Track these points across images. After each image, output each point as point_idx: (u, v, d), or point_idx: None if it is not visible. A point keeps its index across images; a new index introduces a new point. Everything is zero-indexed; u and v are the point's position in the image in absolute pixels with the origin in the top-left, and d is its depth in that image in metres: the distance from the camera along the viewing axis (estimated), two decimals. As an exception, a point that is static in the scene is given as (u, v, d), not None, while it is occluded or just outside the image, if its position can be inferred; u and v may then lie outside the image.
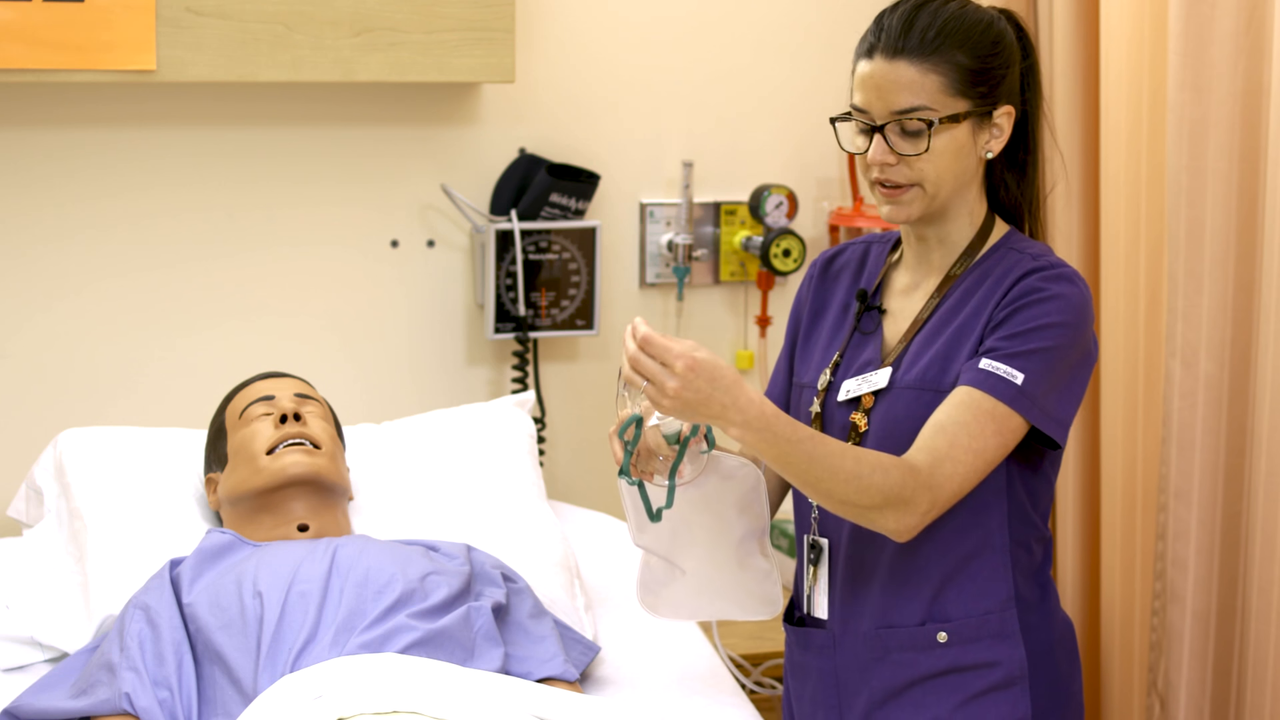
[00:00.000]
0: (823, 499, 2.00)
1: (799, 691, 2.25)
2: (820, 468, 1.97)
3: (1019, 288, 2.07)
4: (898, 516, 1.99)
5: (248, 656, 2.27)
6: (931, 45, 2.03)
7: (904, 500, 1.98)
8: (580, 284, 3.22)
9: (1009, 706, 2.10)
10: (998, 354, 2.03)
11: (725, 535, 2.16)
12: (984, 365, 2.03)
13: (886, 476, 1.98)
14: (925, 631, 2.11)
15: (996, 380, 2.02)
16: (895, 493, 1.98)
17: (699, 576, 2.19)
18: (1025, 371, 2.02)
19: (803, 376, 2.23)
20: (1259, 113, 2.53)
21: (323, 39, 2.92)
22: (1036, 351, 2.03)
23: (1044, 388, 2.03)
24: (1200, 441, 2.62)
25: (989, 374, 2.02)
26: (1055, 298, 2.05)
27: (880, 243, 2.26)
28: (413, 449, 2.87)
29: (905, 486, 1.98)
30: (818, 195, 3.40)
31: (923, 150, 2.04)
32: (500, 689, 2.18)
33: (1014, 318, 2.05)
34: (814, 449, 1.97)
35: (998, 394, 2.01)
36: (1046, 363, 2.03)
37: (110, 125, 3.00)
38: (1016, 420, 2.03)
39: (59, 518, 2.69)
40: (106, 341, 3.04)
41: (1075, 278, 2.08)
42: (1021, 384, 2.01)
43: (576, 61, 3.24)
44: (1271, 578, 2.49)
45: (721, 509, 2.13)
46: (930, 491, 1.99)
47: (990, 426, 2.01)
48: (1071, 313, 2.06)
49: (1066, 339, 2.05)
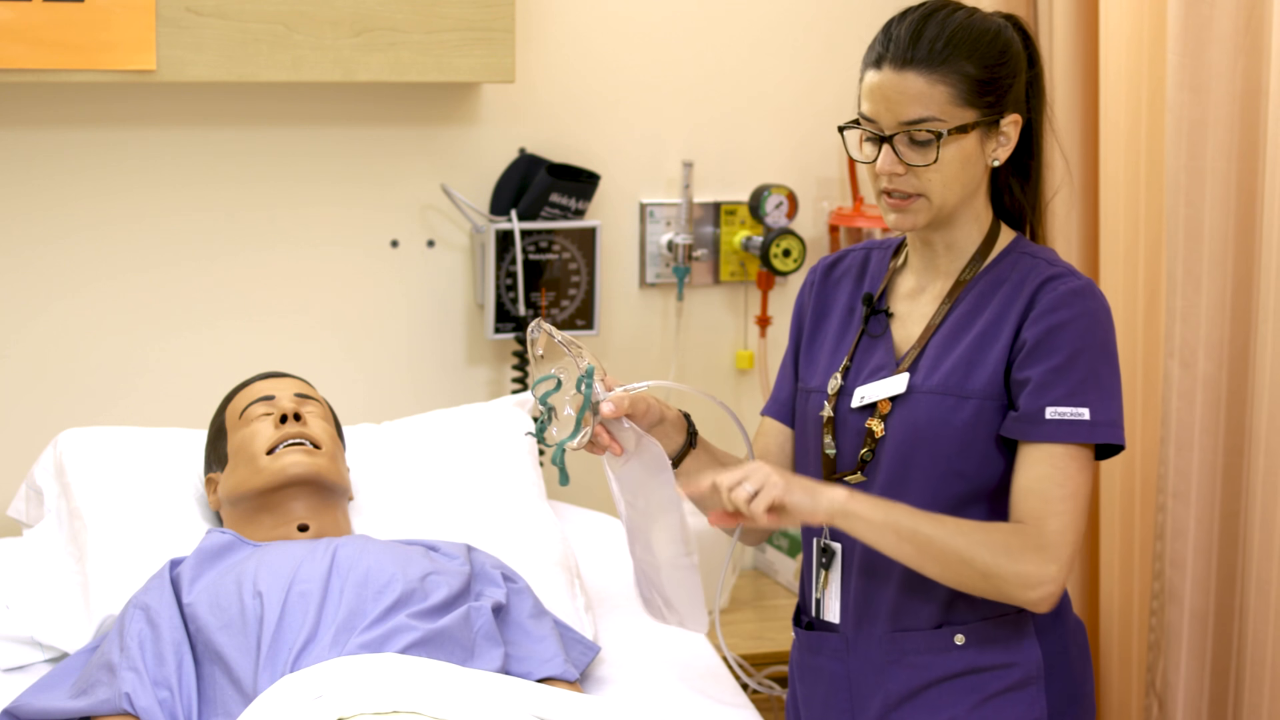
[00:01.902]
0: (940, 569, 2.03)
1: (808, 696, 2.25)
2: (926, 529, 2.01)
3: (1044, 301, 2.08)
4: (1021, 582, 2.01)
5: (248, 656, 2.27)
6: (940, 56, 2.03)
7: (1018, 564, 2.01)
8: (580, 284, 3.22)
9: (1024, 707, 2.11)
10: (1054, 396, 2.04)
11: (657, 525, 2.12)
12: (1051, 415, 2.04)
13: (993, 540, 2.01)
14: (942, 634, 2.12)
15: (1069, 427, 2.04)
16: (1005, 554, 2.01)
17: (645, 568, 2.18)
18: (1088, 404, 2.04)
19: (809, 381, 2.23)
20: (1257, 113, 2.53)
21: (323, 39, 2.92)
22: (1088, 379, 2.05)
23: (1106, 408, 2.06)
24: (1198, 441, 2.62)
25: (1059, 424, 2.04)
26: (1085, 316, 2.07)
27: (881, 248, 2.26)
28: (413, 449, 2.88)
29: (1015, 550, 2.01)
30: (818, 195, 3.40)
31: (931, 161, 2.04)
32: (500, 689, 2.18)
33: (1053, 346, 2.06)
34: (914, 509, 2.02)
35: (1075, 438, 2.04)
36: (1098, 383, 2.06)
37: (110, 125, 3.00)
38: (1092, 450, 2.07)
39: (59, 518, 2.70)
40: (106, 341, 3.04)
41: (1094, 288, 2.10)
42: (1090, 418, 2.04)
43: (576, 61, 3.24)
44: (1269, 577, 2.49)
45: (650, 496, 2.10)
46: (1047, 552, 2.02)
47: (1074, 468, 2.04)
48: (1103, 328, 2.08)
49: (1104, 353, 2.08)
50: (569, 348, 2.03)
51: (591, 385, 2.01)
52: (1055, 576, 2.02)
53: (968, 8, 2.10)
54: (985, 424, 2.08)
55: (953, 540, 2.00)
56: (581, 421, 2.01)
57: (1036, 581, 2.01)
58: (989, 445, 2.08)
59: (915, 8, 2.09)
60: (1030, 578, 2.01)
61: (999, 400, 2.08)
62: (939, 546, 2.00)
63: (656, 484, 2.06)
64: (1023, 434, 2.05)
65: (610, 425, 2.06)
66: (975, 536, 2.01)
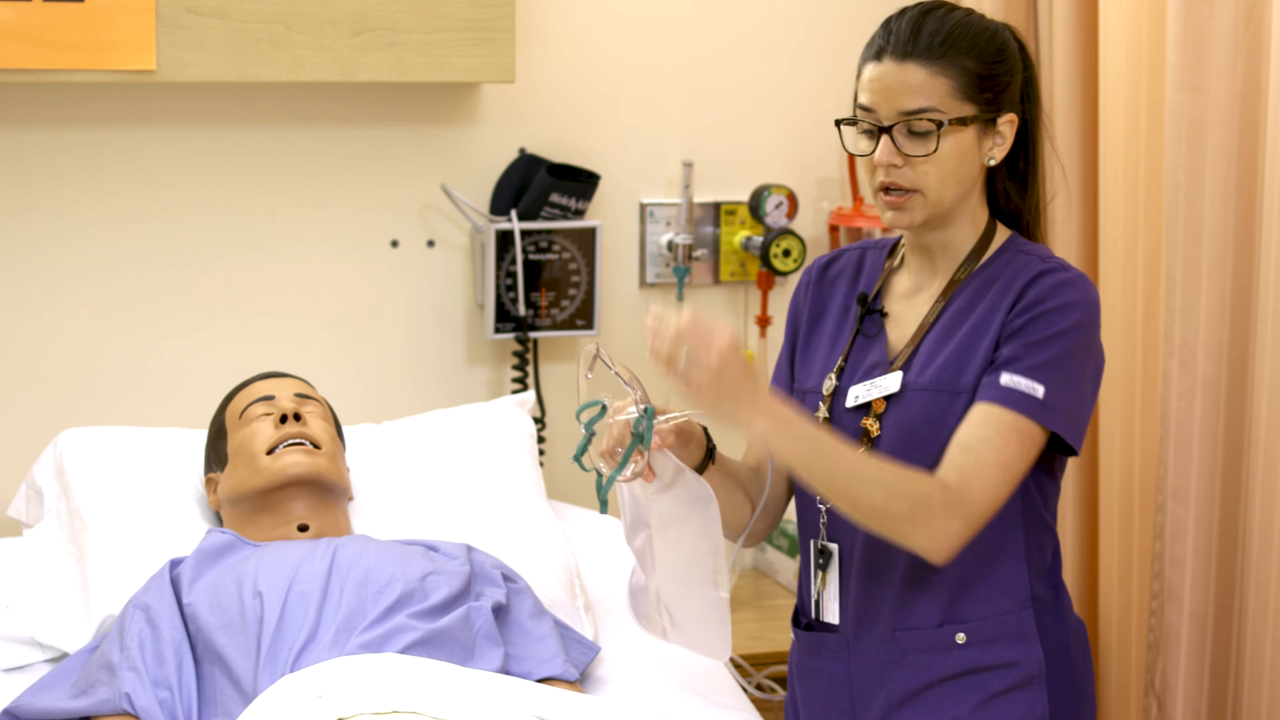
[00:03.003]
0: (849, 506, 1.99)
1: (808, 697, 2.24)
2: (846, 470, 1.97)
3: (1033, 292, 2.07)
4: (929, 534, 1.98)
5: (248, 656, 2.28)
6: (940, 49, 2.05)
7: (933, 513, 1.97)
8: (580, 284, 3.22)
9: (1026, 707, 2.11)
10: (1016, 367, 2.03)
11: (685, 554, 2.10)
12: (1005, 381, 2.03)
13: (914, 486, 1.98)
14: (944, 633, 2.11)
15: (1019, 396, 2.02)
16: (924, 503, 1.97)
17: (663, 593, 2.16)
18: (1046, 384, 2.02)
19: (805, 382, 2.23)
20: (1257, 113, 2.53)
21: (323, 39, 2.92)
22: (1054, 362, 2.03)
23: (1064, 397, 2.04)
24: (1198, 441, 2.62)
25: (1010, 390, 2.02)
26: (1069, 305, 2.06)
27: (876, 248, 2.26)
28: (413, 449, 2.88)
29: (934, 499, 1.98)
30: (818, 195, 3.40)
31: (931, 151, 2.04)
32: (500, 689, 2.19)
33: (1030, 326, 2.05)
34: (838, 449, 1.97)
35: (1021, 409, 2.01)
36: (1065, 371, 2.04)
37: (110, 125, 3.01)
38: (1039, 431, 2.03)
39: (59, 518, 2.70)
40: (106, 342, 3.04)
41: (1085, 281, 2.09)
42: (1044, 397, 2.02)
43: (576, 61, 3.24)
44: (1268, 578, 2.49)
45: (684, 526, 2.08)
46: (963, 508, 1.99)
47: (1014, 440, 2.02)
48: (1085, 319, 2.07)
49: (1082, 345, 2.06)
50: (625, 379, 2.01)
51: (651, 428, 1.99)
52: (961, 534, 1.99)
53: (965, 8, 2.12)
54: None
55: (869, 493, 1.97)
56: (632, 455, 2.00)
57: (941, 537, 1.98)
58: None
59: (914, 5, 2.11)
60: (937, 534, 1.98)
61: None
62: (853, 495, 1.97)
63: (697, 522, 2.05)
64: (981, 395, 2.04)
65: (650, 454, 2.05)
66: (895, 488, 1.97)
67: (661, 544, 2.11)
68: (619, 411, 2.01)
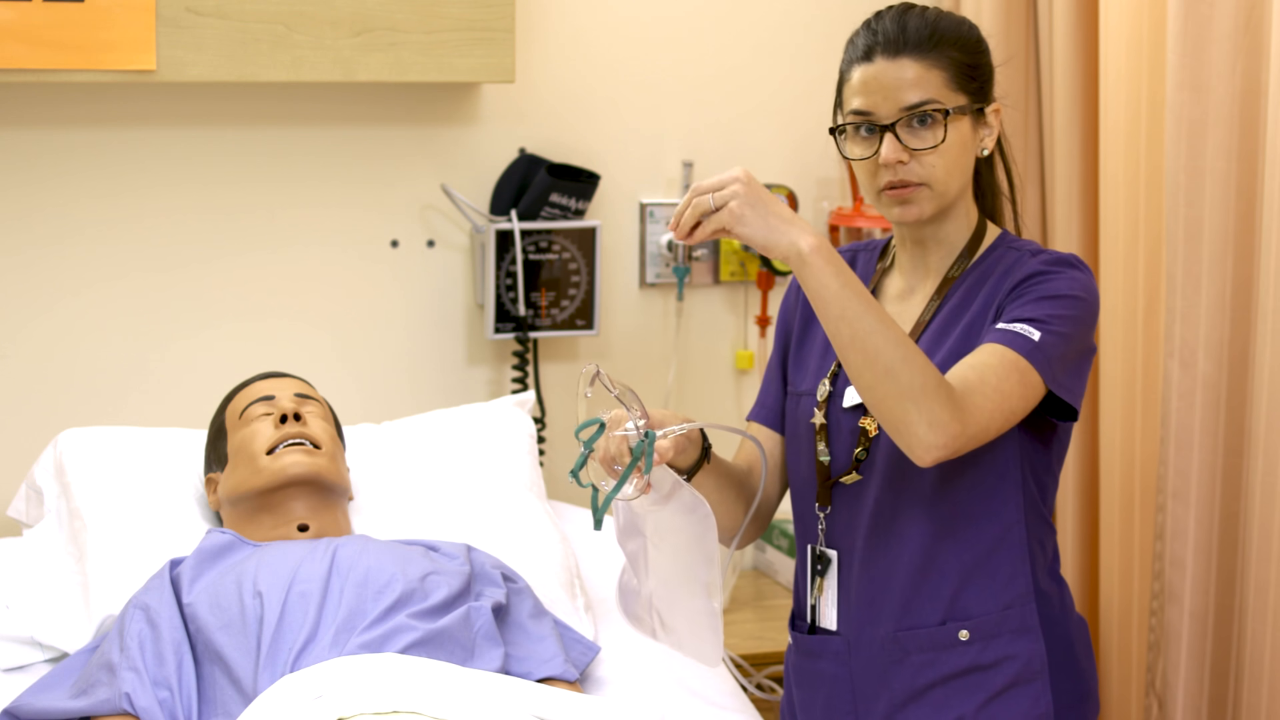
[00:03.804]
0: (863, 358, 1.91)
1: (807, 701, 2.23)
2: (875, 319, 1.91)
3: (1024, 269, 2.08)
4: (929, 420, 1.91)
5: (248, 656, 2.28)
6: (930, 43, 2.07)
7: (938, 401, 1.92)
8: (580, 284, 3.22)
9: (1030, 703, 2.11)
10: (1013, 316, 2.03)
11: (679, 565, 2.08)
12: (1001, 325, 2.03)
13: (927, 371, 1.92)
14: (946, 631, 2.11)
15: (1014, 336, 2.01)
16: (932, 388, 1.91)
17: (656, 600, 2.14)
18: (1041, 331, 2.01)
19: (799, 385, 2.22)
20: (1257, 113, 2.53)
21: (323, 39, 2.92)
22: (1051, 318, 2.03)
23: (1058, 352, 2.02)
24: (1198, 442, 2.62)
25: (1006, 331, 2.01)
26: (1065, 276, 2.07)
27: (867, 250, 2.26)
28: (412, 449, 2.88)
29: (941, 389, 1.92)
30: (818, 195, 3.40)
31: (939, 142, 2.05)
32: (500, 689, 2.19)
33: (1027, 292, 2.06)
34: (872, 300, 1.93)
35: (1017, 347, 2.00)
36: (1059, 329, 2.03)
37: (110, 125, 3.01)
38: (1035, 377, 2.01)
39: (59, 518, 2.70)
40: (107, 342, 3.04)
41: (1078, 260, 2.10)
42: (1038, 340, 2.00)
43: (576, 61, 3.24)
44: (1269, 578, 2.49)
45: (679, 538, 2.07)
46: (961, 413, 1.94)
47: (1014, 375, 1.99)
48: (1080, 290, 2.06)
49: (1077, 312, 2.05)
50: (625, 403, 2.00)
51: (652, 453, 1.97)
52: (956, 435, 1.93)
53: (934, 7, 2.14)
54: None
55: (888, 347, 1.91)
56: (632, 474, 2.00)
57: (940, 426, 1.92)
58: None
59: (891, 6, 2.13)
60: (938, 421, 1.92)
61: None
62: (873, 343, 1.92)
63: (693, 532, 2.03)
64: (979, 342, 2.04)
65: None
66: (914, 359, 1.92)
67: (655, 553, 2.10)
68: (616, 424, 2.00)
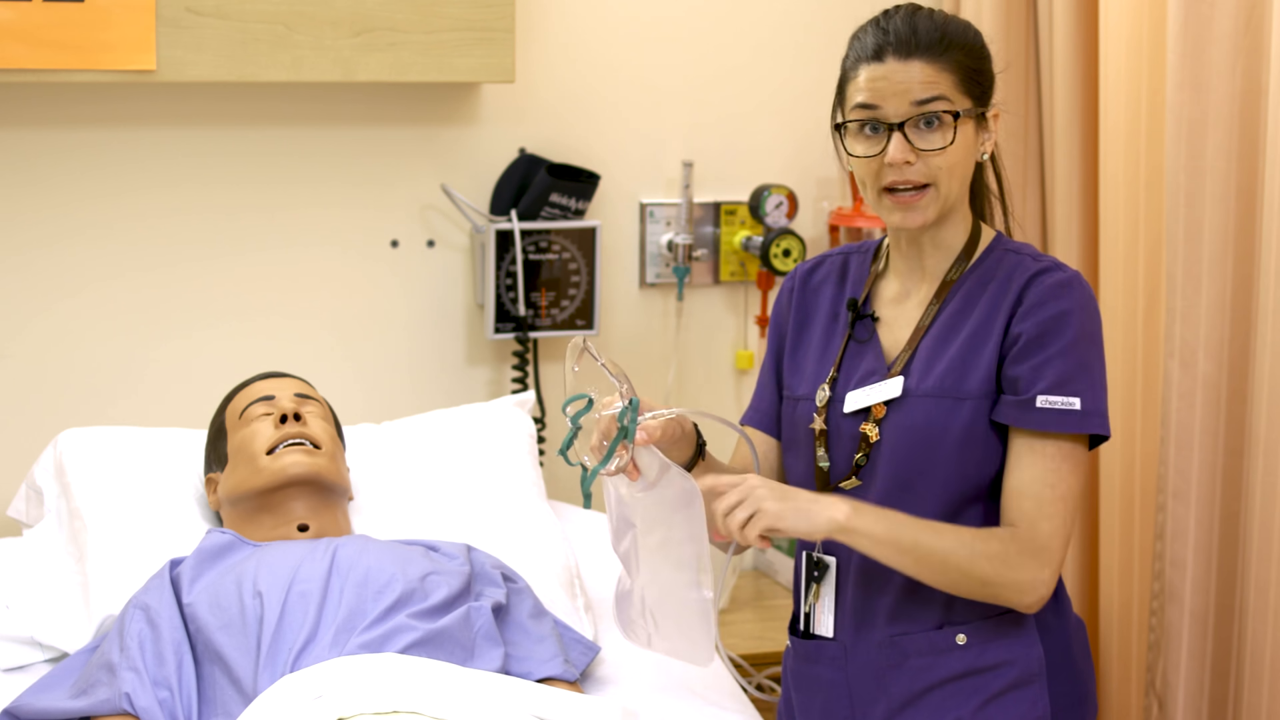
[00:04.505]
0: (936, 570, 2.03)
1: (805, 704, 2.23)
2: (930, 535, 2.01)
3: (1032, 295, 2.08)
4: (1018, 588, 2.03)
5: (248, 656, 2.27)
6: (940, 46, 2.06)
7: (1015, 566, 2.02)
8: (580, 284, 3.22)
9: (1028, 706, 2.11)
10: (1045, 385, 2.04)
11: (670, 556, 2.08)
12: (1042, 404, 2.04)
13: (989, 543, 2.02)
14: (944, 635, 2.11)
15: (1057, 415, 2.04)
16: (1001, 558, 2.02)
17: (647, 596, 2.14)
18: (1079, 394, 2.04)
19: (796, 389, 2.22)
20: (1257, 112, 2.53)
21: (323, 39, 2.92)
22: (1079, 369, 2.05)
23: (1096, 398, 2.06)
24: (1198, 441, 2.62)
25: (1048, 411, 2.04)
26: (1074, 310, 2.07)
27: (860, 253, 2.26)
28: (413, 449, 2.88)
29: (1009, 552, 2.02)
30: (818, 195, 3.40)
31: (948, 143, 2.05)
32: (500, 689, 2.19)
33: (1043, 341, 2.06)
34: (911, 517, 2.02)
35: (1064, 428, 2.04)
36: (1088, 372, 2.06)
37: (110, 125, 3.01)
38: (1083, 446, 2.07)
39: (59, 518, 2.70)
40: (107, 342, 3.04)
41: (1080, 279, 2.10)
42: (1081, 407, 2.04)
43: (576, 61, 3.24)
44: (1269, 577, 2.49)
45: (669, 526, 2.06)
46: (1039, 554, 2.03)
47: (1066, 467, 2.05)
48: (1088, 312, 2.08)
49: (1092, 342, 2.08)
50: (612, 373, 2.01)
51: (635, 420, 1.99)
52: (1048, 580, 2.04)
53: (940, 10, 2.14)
54: (983, 423, 2.07)
55: (953, 553, 2.01)
56: (617, 449, 2.00)
57: (1030, 587, 2.03)
58: (987, 443, 2.08)
59: (899, 6, 2.13)
60: (1025, 584, 2.03)
61: (994, 399, 2.08)
62: (939, 559, 2.01)
63: (682, 518, 2.03)
64: (1014, 419, 2.05)
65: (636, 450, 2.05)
66: (975, 547, 2.02)
67: (646, 545, 2.10)
68: (606, 406, 2.00)
